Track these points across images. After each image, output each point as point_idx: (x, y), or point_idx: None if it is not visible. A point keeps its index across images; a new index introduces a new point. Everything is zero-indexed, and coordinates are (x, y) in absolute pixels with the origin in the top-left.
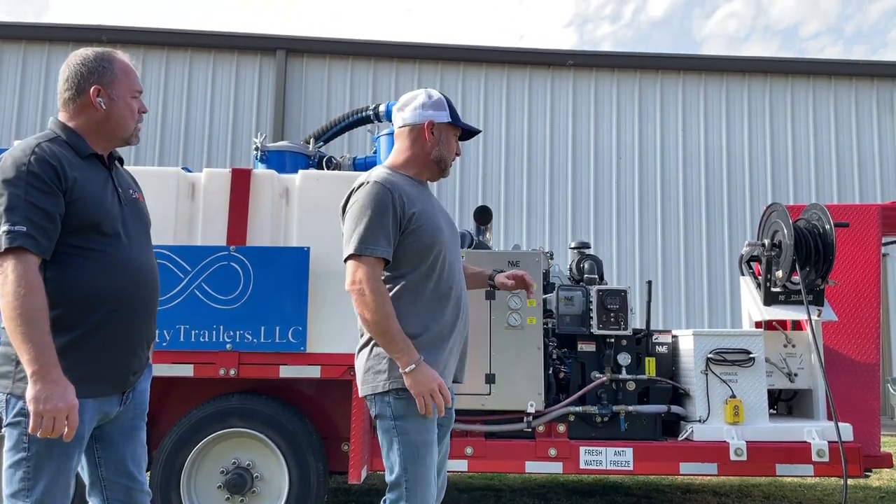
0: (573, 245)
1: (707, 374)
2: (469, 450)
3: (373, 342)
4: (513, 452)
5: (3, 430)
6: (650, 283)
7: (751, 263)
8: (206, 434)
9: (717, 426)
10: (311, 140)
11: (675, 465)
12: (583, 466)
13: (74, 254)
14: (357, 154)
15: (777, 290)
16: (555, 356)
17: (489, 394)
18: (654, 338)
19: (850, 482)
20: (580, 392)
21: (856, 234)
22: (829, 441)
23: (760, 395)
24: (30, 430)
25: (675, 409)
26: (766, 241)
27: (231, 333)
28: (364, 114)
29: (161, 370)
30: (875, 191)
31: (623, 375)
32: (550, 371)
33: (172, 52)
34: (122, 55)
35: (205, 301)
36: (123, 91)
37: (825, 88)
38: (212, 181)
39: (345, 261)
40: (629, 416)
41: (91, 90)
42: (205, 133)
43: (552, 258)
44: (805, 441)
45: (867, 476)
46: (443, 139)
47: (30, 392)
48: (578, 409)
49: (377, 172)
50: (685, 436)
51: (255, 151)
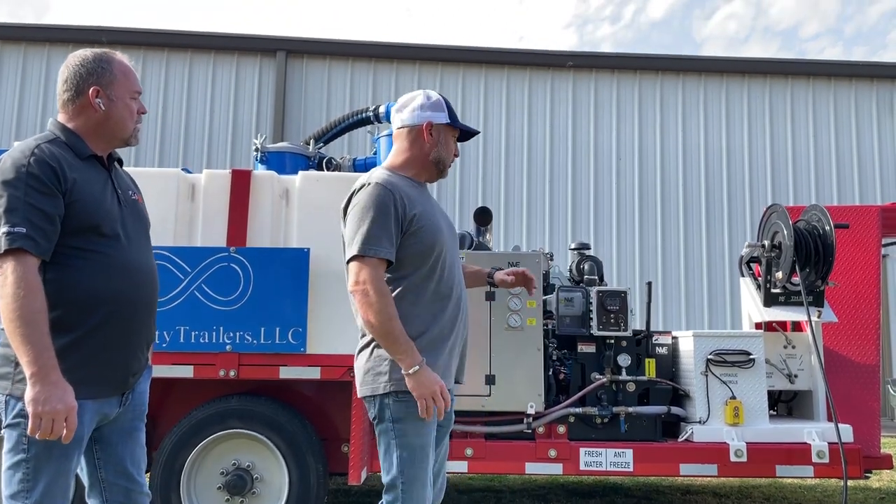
0: (573, 246)
1: (707, 376)
2: (469, 451)
3: (373, 343)
4: (513, 453)
5: (3, 432)
6: (650, 285)
7: (751, 264)
8: (206, 435)
9: (717, 427)
10: (311, 141)
11: (675, 467)
12: (583, 467)
13: (74, 255)
14: (357, 155)
15: (777, 292)
16: (555, 357)
17: (489, 395)
18: (654, 339)
19: (850, 483)
20: (580, 393)
21: (856, 236)
22: (829, 442)
23: (760, 397)
24: (29, 432)
25: (675, 411)
26: (766, 243)
27: (231, 334)
28: (364, 115)
29: (161, 371)
30: (875, 192)
31: (623, 377)
32: (550, 372)
33: (172, 53)
34: (121, 56)
35: (205, 302)
36: (122, 92)
37: (825, 89)
38: (212, 182)
39: (347, 262)
40: (629, 418)
41: (90, 91)
42: (205, 134)
43: (552, 259)
44: (805, 442)
45: (867, 477)
46: (441, 140)
47: (29, 394)
48: (578, 411)
49: (377, 174)
50: (685, 437)
51: (255, 152)
